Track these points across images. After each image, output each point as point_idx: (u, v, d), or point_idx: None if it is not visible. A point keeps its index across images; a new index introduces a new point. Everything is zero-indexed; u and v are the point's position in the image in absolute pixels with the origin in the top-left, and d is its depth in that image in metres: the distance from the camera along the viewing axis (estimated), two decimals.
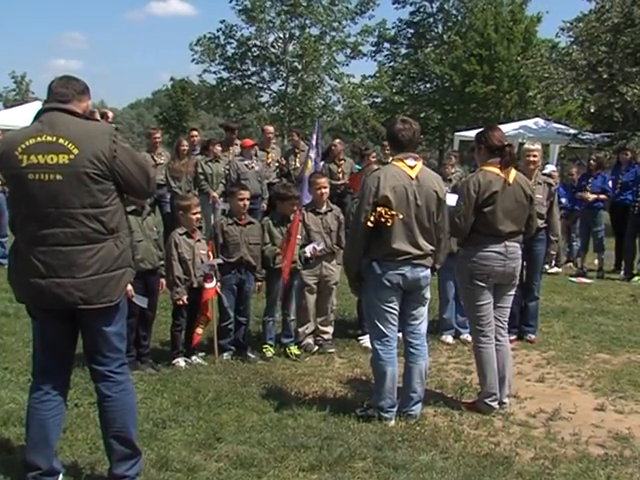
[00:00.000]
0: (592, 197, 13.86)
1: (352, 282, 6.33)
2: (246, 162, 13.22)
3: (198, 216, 7.85)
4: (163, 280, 7.55)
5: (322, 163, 12.19)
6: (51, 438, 4.76)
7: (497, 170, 6.43)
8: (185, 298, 7.54)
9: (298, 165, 13.90)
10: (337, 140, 14.65)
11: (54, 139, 4.42)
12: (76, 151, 4.39)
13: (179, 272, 7.52)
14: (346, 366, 7.85)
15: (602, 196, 14.00)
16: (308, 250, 8.04)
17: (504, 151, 6.45)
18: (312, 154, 9.92)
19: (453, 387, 7.16)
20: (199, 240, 7.76)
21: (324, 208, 8.40)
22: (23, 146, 4.44)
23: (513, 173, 6.54)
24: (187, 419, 5.98)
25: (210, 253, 7.72)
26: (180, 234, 7.65)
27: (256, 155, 13.61)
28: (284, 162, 14.35)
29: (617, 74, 23.46)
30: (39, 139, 4.45)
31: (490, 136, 6.53)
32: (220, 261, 7.73)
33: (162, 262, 7.48)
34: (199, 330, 7.75)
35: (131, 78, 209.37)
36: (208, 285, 7.59)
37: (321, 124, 13.09)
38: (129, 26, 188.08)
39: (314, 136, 10.53)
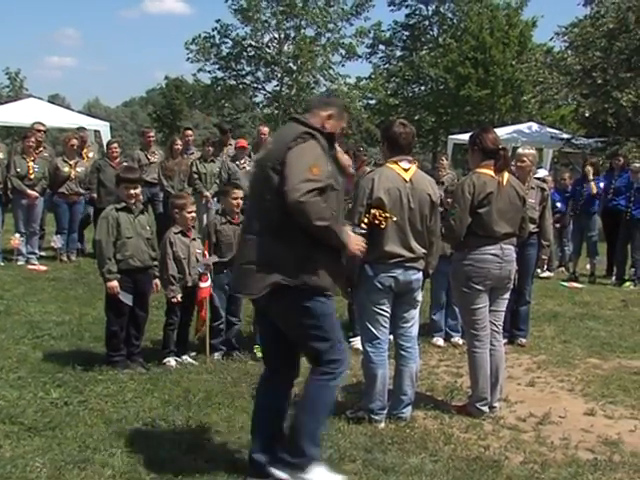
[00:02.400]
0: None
1: (341, 285, 6.31)
2: (237, 162, 13.21)
3: (193, 215, 7.85)
4: (157, 281, 7.53)
5: None
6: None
7: (491, 172, 6.43)
8: (179, 297, 7.53)
9: None
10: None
11: None
12: None
13: (174, 271, 7.51)
14: None
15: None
16: None
17: (498, 154, 6.45)
18: None
19: (443, 390, 7.16)
20: (194, 239, 7.75)
21: None
22: None
23: (506, 175, 6.55)
24: (177, 419, 5.97)
25: (205, 252, 7.71)
26: (175, 233, 7.64)
27: (249, 156, 13.60)
28: None
29: (611, 79, 23.52)
30: None
31: (484, 138, 6.53)
32: (216, 259, 7.72)
33: (155, 262, 7.47)
34: (199, 329, 7.76)
35: (125, 76, 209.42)
36: (203, 284, 7.58)
37: None
38: (124, 24, 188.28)
39: None
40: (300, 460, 4.74)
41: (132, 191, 7.29)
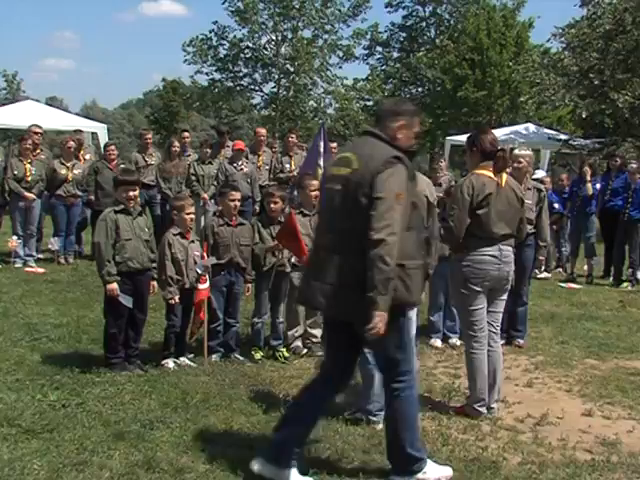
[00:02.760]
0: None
1: None
2: (235, 164, 13.21)
3: (192, 216, 7.84)
4: (154, 282, 7.53)
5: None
6: None
7: (490, 173, 6.43)
8: (177, 298, 7.53)
9: (294, 167, 13.89)
10: (334, 144, 14.64)
11: None
12: None
13: (172, 272, 7.51)
14: None
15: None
16: (294, 260, 8.04)
17: (497, 156, 6.45)
18: (320, 162, 9.87)
19: (441, 391, 7.16)
20: (193, 241, 7.75)
21: (313, 210, 8.40)
22: None
23: (505, 177, 6.55)
24: (175, 420, 5.97)
25: (204, 254, 7.70)
26: (174, 234, 7.63)
27: (246, 157, 13.60)
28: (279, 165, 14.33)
29: (608, 80, 23.53)
30: None
31: (483, 139, 6.53)
32: (214, 260, 7.72)
33: (154, 264, 7.47)
34: (194, 330, 7.76)
35: (123, 78, 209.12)
36: (201, 286, 7.58)
37: (326, 129, 13.02)
38: (121, 26, 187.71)
39: (321, 143, 10.47)
40: (414, 466, 5.00)
41: (130, 193, 7.28)
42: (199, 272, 7.57)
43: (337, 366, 5.17)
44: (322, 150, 10.29)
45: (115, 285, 7.14)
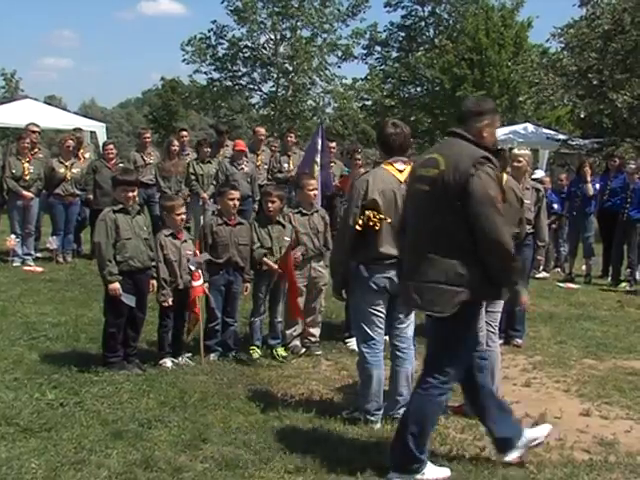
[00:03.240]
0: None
1: (336, 285, 6.33)
2: (235, 163, 13.22)
3: (183, 217, 7.83)
4: (154, 281, 7.52)
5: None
6: None
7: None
8: (170, 300, 7.52)
9: (292, 167, 13.90)
10: (333, 143, 14.64)
11: None
12: None
13: (165, 274, 7.49)
14: (333, 368, 7.86)
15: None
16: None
17: (497, 155, 6.44)
18: (317, 159, 9.89)
19: None
20: (185, 241, 7.74)
21: (311, 209, 8.41)
22: None
23: (504, 177, 6.54)
24: (173, 420, 5.97)
25: (197, 252, 7.70)
26: (166, 235, 7.63)
27: (246, 156, 13.61)
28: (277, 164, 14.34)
29: (607, 80, 23.52)
30: None
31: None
32: (208, 256, 7.71)
33: (153, 263, 7.46)
34: (191, 328, 7.76)
35: (121, 77, 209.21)
36: (195, 283, 7.57)
37: (324, 127, 13.04)
38: (120, 25, 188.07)
39: (318, 140, 10.49)
40: (414, 466, 5.06)
41: (129, 194, 7.29)
42: (192, 268, 7.55)
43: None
44: (319, 148, 10.30)
45: (117, 285, 7.14)
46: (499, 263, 4.81)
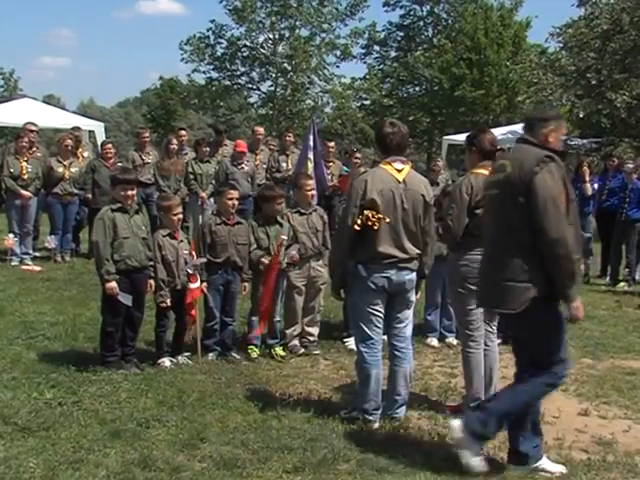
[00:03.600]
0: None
1: (335, 285, 6.34)
2: (235, 162, 13.23)
3: (180, 217, 7.81)
4: (152, 281, 7.51)
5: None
6: None
7: (488, 173, 6.43)
8: (168, 301, 7.52)
9: (290, 166, 13.91)
10: (332, 143, 14.65)
11: None
12: None
13: (163, 275, 7.48)
14: (331, 368, 7.86)
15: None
16: (287, 258, 8.03)
17: (496, 155, 6.46)
18: (310, 155, 9.87)
19: (438, 390, 7.17)
20: (182, 241, 7.73)
21: (309, 209, 8.41)
22: None
23: None
24: (171, 419, 5.97)
25: (193, 253, 7.69)
26: (163, 235, 7.62)
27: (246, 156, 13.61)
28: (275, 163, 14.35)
29: (606, 80, 23.56)
30: None
31: (482, 139, 6.54)
32: (204, 260, 7.71)
33: (151, 262, 7.45)
34: (188, 330, 7.77)
35: (120, 76, 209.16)
36: (193, 285, 7.57)
37: (317, 123, 13.07)
38: (118, 24, 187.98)
39: (310, 137, 10.47)
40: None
41: (128, 192, 7.28)
42: (189, 272, 7.55)
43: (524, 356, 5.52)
44: (312, 144, 10.29)
45: (114, 284, 7.13)
46: (556, 261, 4.97)
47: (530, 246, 5.04)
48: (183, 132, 15.69)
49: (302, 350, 8.29)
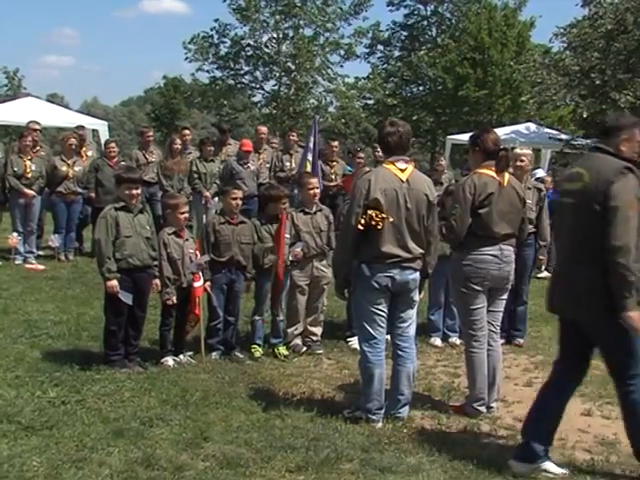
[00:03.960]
0: None
1: (339, 285, 6.34)
2: (242, 162, 13.24)
3: (186, 215, 7.83)
4: (157, 281, 7.52)
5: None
6: None
7: (492, 173, 6.44)
8: (174, 298, 7.53)
9: (294, 166, 13.92)
10: (335, 142, 14.66)
11: None
12: None
13: (168, 272, 7.50)
14: (334, 367, 7.86)
15: None
16: (292, 256, 8.04)
17: (499, 155, 6.46)
18: (309, 156, 9.89)
19: (441, 390, 7.17)
20: (187, 239, 7.74)
21: (314, 208, 8.41)
22: None
23: (507, 176, 6.56)
24: (174, 418, 5.97)
25: (197, 252, 7.70)
26: (169, 234, 7.63)
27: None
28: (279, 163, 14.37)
29: (610, 80, 23.49)
30: None
31: (486, 139, 6.54)
32: (208, 258, 7.72)
33: (155, 262, 7.46)
34: (189, 329, 7.77)
35: (123, 75, 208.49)
36: (196, 284, 7.58)
37: (318, 123, 13.09)
38: (121, 23, 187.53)
39: (311, 138, 10.50)
40: None
41: (133, 191, 7.29)
42: (193, 271, 7.57)
43: (573, 365, 5.52)
44: (311, 145, 10.30)
45: (115, 282, 7.14)
46: (615, 269, 4.95)
47: (600, 258, 5.04)
48: (187, 132, 15.69)
49: (304, 349, 8.30)
